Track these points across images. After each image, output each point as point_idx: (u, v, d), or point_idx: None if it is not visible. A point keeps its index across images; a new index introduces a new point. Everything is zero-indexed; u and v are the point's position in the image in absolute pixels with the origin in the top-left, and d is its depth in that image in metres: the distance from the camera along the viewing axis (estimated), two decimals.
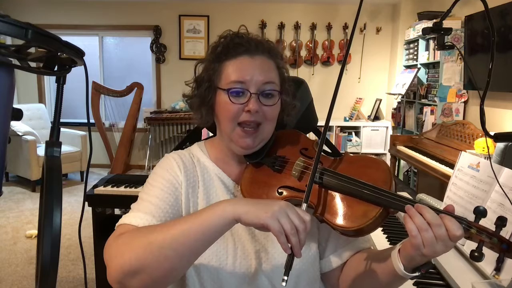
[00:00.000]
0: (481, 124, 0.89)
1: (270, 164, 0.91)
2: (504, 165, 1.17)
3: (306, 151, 0.93)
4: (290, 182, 0.87)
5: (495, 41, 0.96)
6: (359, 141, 5.48)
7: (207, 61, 0.92)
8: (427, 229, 0.68)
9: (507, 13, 3.03)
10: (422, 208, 0.71)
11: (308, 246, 0.90)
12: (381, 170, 0.84)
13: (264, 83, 0.87)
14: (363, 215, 0.77)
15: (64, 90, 0.75)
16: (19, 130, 4.77)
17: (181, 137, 5.45)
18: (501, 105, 3.33)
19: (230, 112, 0.86)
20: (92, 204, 2.56)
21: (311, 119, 1.18)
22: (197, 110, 0.94)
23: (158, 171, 0.93)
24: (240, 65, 0.87)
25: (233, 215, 0.71)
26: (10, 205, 4.36)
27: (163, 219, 0.83)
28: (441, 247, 0.69)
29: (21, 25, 0.51)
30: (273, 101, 0.89)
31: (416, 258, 0.72)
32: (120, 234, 0.79)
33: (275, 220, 0.68)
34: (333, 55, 5.79)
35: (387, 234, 1.47)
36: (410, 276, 0.74)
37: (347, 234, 0.80)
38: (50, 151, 0.74)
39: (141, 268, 0.71)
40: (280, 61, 0.93)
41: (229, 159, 0.96)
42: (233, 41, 0.89)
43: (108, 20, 5.82)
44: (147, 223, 0.81)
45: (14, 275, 2.88)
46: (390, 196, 0.76)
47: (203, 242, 0.73)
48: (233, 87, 0.86)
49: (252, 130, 0.88)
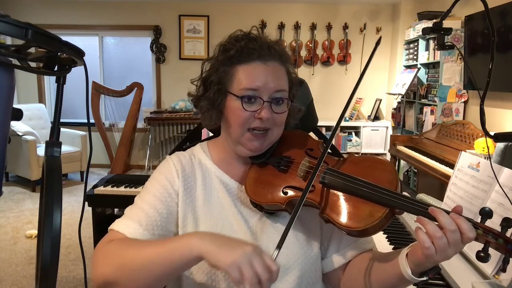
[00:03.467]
0: (481, 124, 0.89)
1: (276, 164, 0.91)
2: (504, 165, 1.17)
3: (311, 151, 0.93)
4: (295, 182, 0.87)
5: (495, 41, 0.96)
6: (359, 141, 5.47)
7: (217, 62, 0.90)
8: (440, 236, 0.67)
9: (507, 13, 3.03)
10: (436, 212, 0.69)
11: (310, 246, 0.90)
12: (386, 170, 0.84)
13: (275, 91, 0.87)
14: (369, 215, 0.77)
15: (64, 90, 0.75)
16: (19, 130, 4.77)
17: (181, 137, 5.45)
18: (501, 105, 3.33)
19: (241, 118, 0.86)
20: (92, 204, 2.56)
21: (311, 119, 1.18)
22: (205, 113, 0.93)
23: (156, 176, 0.94)
24: (254, 70, 0.87)
25: (197, 252, 0.70)
26: (10, 205, 4.36)
27: (149, 228, 0.86)
28: (452, 251, 0.68)
29: (21, 25, 0.51)
30: (283, 108, 0.89)
31: (426, 264, 0.71)
32: (109, 241, 0.83)
33: (235, 267, 0.65)
34: (333, 55, 5.79)
35: (387, 234, 1.47)
36: (417, 280, 0.73)
37: (352, 234, 0.80)
38: (50, 151, 0.74)
39: (116, 283, 0.76)
40: (290, 65, 0.94)
41: (233, 160, 0.96)
42: (247, 46, 0.88)
43: (108, 20, 5.82)
44: (134, 231, 0.84)
45: (14, 275, 2.87)
46: (396, 197, 0.76)
47: (170, 271, 0.74)
48: (246, 94, 0.85)
49: (262, 134, 0.88)
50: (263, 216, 0.91)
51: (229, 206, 0.91)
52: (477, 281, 1.04)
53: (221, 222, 0.89)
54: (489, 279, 1.04)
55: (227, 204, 0.91)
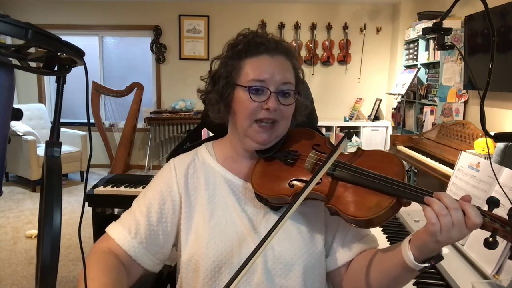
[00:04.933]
0: (481, 124, 0.89)
1: (282, 158, 0.92)
2: (504, 165, 1.17)
3: (318, 147, 0.93)
4: (302, 175, 0.88)
5: (495, 41, 0.96)
6: (359, 141, 5.47)
7: (225, 58, 0.93)
8: (446, 214, 0.69)
9: (507, 13, 3.03)
10: (440, 194, 0.72)
11: (314, 243, 0.90)
12: (393, 163, 0.84)
13: (282, 83, 0.89)
14: (376, 205, 0.77)
15: (64, 90, 0.75)
16: (19, 130, 4.77)
17: (181, 137, 5.45)
18: (501, 105, 3.33)
19: (249, 109, 0.88)
20: (92, 204, 2.56)
21: (311, 119, 1.18)
22: (214, 106, 0.94)
23: (156, 181, 0.97)
24: (261, 63, 0.89)
25: None
26: (10, 205, 4.36)
27: (138, 237, 0.91)
28: (456, 233, 0.69)
29: (21, 25, 0.51)
30: (290, 100, 0.91)
31: (429, 246, 0.71)
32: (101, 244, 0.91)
33: None
34: (333, 55, 5.79)
35: (387, 234, 1.47)
36: (419, 267, 0.73)
37: (359, 224, 0.80)
38: (50, 151, 0.74)
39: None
40: (296, 62, 0.96)
41: (240, 157, 0.97)
42: (254, 40, 0.91)
43: (108, 20, 5.82)
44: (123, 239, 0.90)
45: (14, 275, 2.87)
46: (403, 186, 0.77)
47: None
48: (253, 85, 0.87)
49: (269, 126, 0.89)
50: (268, 213, 0.91)
51: (233, 205, 0.91)
52: (477, 281, 1.04)
53: (225, 221, 0.90)
54: (489, 279, 1.04)
55: (231, 202, 0.92)
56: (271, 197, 0.87)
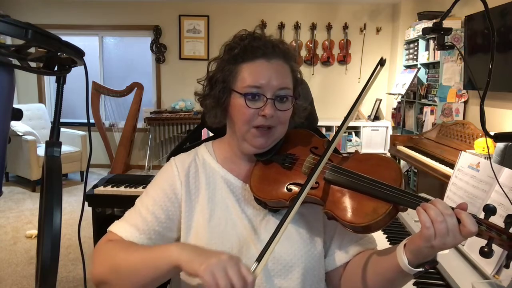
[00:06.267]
0: (481, 124, 0.89)
1: (280, 162, 0.92)
2: (504, 165, 1.17)
3: (316, 149, 0.93)
4: (299, 179, 0.88)
5: (495, 41, 0.96)
6: (359, 141, 5.47)
7: (222, 61, 0.92)
8: (442, 220, 0.69)
9: (507, 13, 3.03)
10: (435, 201, 0.72)
11: (313, 244, 0.90)
12: (391, 168, 0.84)
13: (279, 88, 0.88)
14: (373, 211, 0.77)
15: (64, 90, 0.75)
16: (19, 130, 4.77)
17: (181, 137, 5.46)
18: (501, 105, 3.33)
19: (245, 115, 0.87)
20: (92, 204, 2.56)
21: (311, 119, 1.18)
22: (211, 110, 0.94)
23: (158, 180, 0.95)
24: (257, 68, 0.88)
25: (175, 261, 0.72)
26: (10, 205, 4.36)
27: (146, 233, 0.88)
28: (451, 240, 0.69)
29: (21, 25, 0.51)
30: (287, 105, 0.90)
31: (424, 251, 0.71)
32: (108, 240, 0.88)
33: (209, 273, 0.66)
34: (333, 55, 5.79)
35: (387, 234, 1.47)
36: (413, 271, 0.74)
37: (356, 230, 0.80)
38: (50, 151, 0.74)
39: (108, 283, 0.82)
40: (294, 64, 0.94)
41: (238, 159, 0.97)
42: (251, 44, 0.89)
43: (108, 20, 5.82)
44: (131, 235, 0.88)
45: (14, 275, 2.87)
46: (400, 193, 0.77)
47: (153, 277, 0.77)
48: (249, 91, 0.86)
49: (266, 131, 0.89)
50: (267, 214, 0.91)
51: (233, 205, 0.91)
52: (477, 281, 1.04)
53: (225, 222, 0.90)
54: (489, 279, 1.04)
55: (231, 203, 0.92)
56: (269, 201, 0.88)
